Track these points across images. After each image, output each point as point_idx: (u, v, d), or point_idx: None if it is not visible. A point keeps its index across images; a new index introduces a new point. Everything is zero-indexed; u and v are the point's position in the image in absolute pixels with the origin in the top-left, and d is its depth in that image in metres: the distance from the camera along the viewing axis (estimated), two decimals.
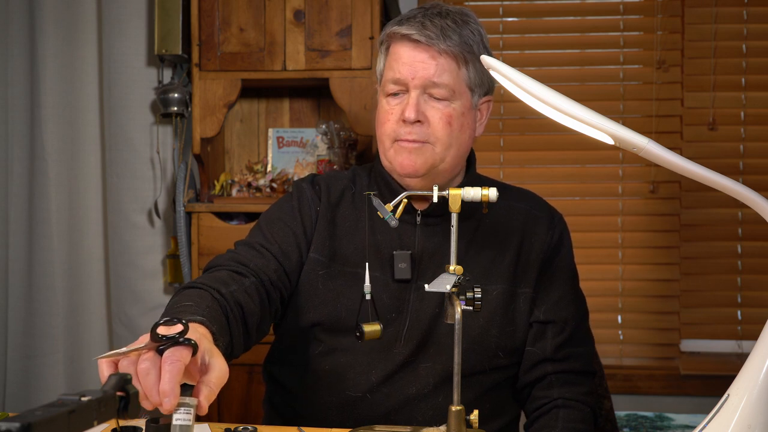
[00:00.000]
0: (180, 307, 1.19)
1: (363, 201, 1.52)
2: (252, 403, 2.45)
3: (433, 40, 1.40)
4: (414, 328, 1.44)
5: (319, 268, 1.47)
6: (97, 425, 0.76)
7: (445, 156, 1.43)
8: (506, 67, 1.12)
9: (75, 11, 2.54)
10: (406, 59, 1.42)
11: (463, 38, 1.42)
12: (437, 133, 1.42)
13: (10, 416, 1.37)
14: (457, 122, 1.43)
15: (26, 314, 2.53)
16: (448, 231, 1.43)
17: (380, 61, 1.50)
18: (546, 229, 1.52)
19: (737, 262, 2.72)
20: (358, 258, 1.47)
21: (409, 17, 1.45)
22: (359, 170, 1.60)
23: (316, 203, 1.51)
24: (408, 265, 1.45)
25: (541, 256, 1.50)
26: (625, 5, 2.76)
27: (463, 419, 1.19)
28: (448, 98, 1.42)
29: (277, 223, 1.49)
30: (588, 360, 1.52)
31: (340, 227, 1.50)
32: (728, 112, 2.72)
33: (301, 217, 1.50)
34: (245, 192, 2.58)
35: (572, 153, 2.78)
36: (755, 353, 1.07)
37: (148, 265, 2.59)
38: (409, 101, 1.41)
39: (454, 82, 1.42)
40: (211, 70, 2.47)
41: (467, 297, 1.20)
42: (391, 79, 1.44)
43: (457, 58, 1.42)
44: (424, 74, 1.41)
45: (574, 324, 1.50)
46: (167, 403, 0.90)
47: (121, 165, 2.57)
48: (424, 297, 1.45)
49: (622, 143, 1.08)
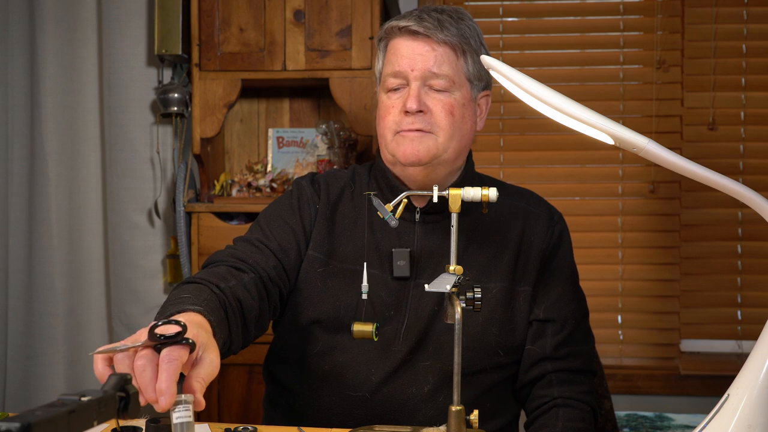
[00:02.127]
0: (178, 299, 1.19)
1: (362, 199, 1.53)
2: (252, 403, 2.45)
3: (431, 30, 1.42)
4: (412, 326, 1.44)
5: (318, 266, 1.48)
6: (97, 425, 0.76)
7: (447, 146, 1.44)
8: (506, 67, 1.12)
9: (75, 11, 2.54)
10: (405, 52, 1.44)
11: (460, 30, 1.44)
12: (440, 123, 1.43)
13: (10, 416, 1.37)
14: (458, 112, 1.44)
15: (26, 314, 2.53)
16: (447, 229, 1.45)
17: (379, 59, 1.51)
18: (545, 227, 1.52)
19: (737, 262, 2.72)
20: (356, 255, 1.47)
21: (406, 15, 1.48)
22: (359, 169, 1.60)
23: (315, 201, 1.52)
24: (407, 263, 1.45)
25: (541, 254, 1.51)
26: (625, 5, 2.76)
27: (463, 419, 1.19)
28: (449, 89, 1.43)
29: (276, 221, 1.50)
30: (588, 358, 1.52)
31: (339, 225, 1.51)
32: (728, 112, 2.72)
33: (300, 215, 1.50)
34: (245, 192, 2.58)
35: (572, 153, 2.78)
36: (755, 353, 1.08)
37: (148, 265, 2.59)
38: (410, 93, 1.42)
39: (454, 72, 1.43)
40: (211, 70, 2.47)
41: (467, 297, 1.20)
42: (391, 73, 1.45)
43: (456, 48, 1.44)
44: (423, 65, 1.42)
45: (573, 322, 1.50)
46: (163, 401, 0.90)
47: (121, 165, 2.57)
48: (423, 295, 1.45)
49: (622, 143, 1.08)
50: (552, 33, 2.81)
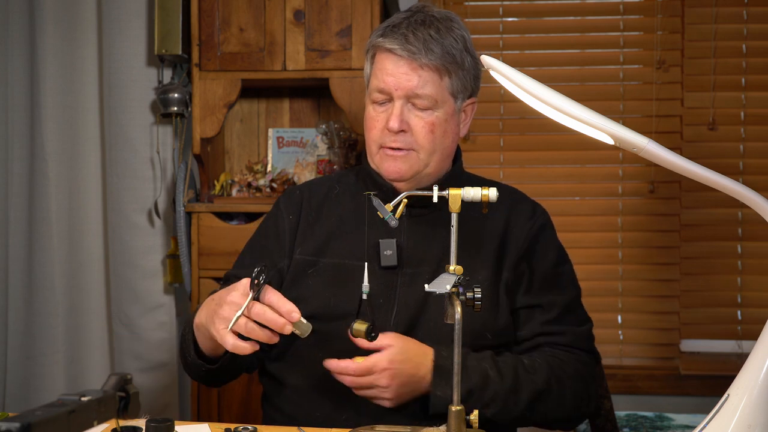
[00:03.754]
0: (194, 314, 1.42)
1: (349, 198, 1.60)
2: (252, 403, 2.45)
3: (415, 54, 1.46)
4: (402, 314, 1.48)
5: (307, 267, 1.54)
6: (97, 425, 0.76)
7: (429, 161, 1.52)
8: (506, 67, 1.12)
9: (75, 11, 2.54)
10: (390, 70, 1.49)
11: (445, 49, 1.48)
12: (420, 141, 1.49)
13: (10, 416, 1.37)
14: (439, 129, 1.50)
15: (26, 314, 2.53)
16: (434, 220, 1.52)
17: (366, 66, 1.57)
18: (526, 219, 1.57)
19: (737, 262, 2.72)
20: (345, 252, 1.53)
21: (394, 25, 1.50)
22: (345, 171, 1.70)
23: (292, 211, 1.61)
24: (394, 252, 1.50)
25: (523, 243, 1.54)
26: (625, 5, 2.76)
27: (463, 419, 1.19)
28: (431, 107, 1.49)
29: (257, 250, 1.62)
30: (580, 337, 1.54)
31: (327, 225, 1.57)
32: (728, 112, 2.72)
33: (277, 233, 1.60)
34: (245, 192, 2.58)
35: (572, 153, 2.78)
36: (755, 353, 1.08)
37: (148, 265, 2.59)
38: (393, 111, 1.48)
39: (437, 92, 1.49)
40: (211, 70, 2.47)
41: (467, 297, 1.21)
42: (376, 88, 1.51)
43: (440, 70, 1.48)
44: (407, 85, 1.48)
45: (560, 307, 1.53)
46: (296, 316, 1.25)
47: (121, 165, 2.57)
48: (412, 283, 1.49)
49: (622, 143, 1.08)
50: (552, 33, 2.81)
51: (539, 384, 1.43)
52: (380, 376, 1.35)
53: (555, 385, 1.44)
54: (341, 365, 1.36)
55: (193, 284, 2.49)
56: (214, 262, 2.46)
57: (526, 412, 1.43)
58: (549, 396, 1.44)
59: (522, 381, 1.42)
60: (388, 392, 1.37)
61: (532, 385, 1.42)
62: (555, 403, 1.45)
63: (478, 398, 1.39)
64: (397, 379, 1.36)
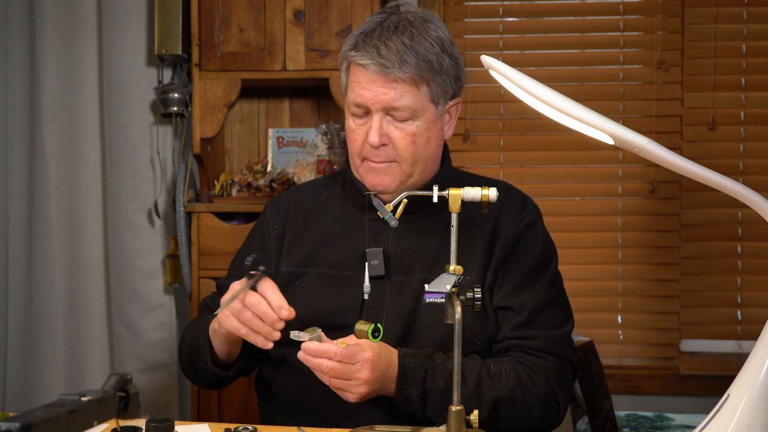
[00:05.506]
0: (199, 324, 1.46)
1: (335, 206, 1.58)
2: (252, 404, 2.45)
3: (389, 69, 1.41)
4: (392, 323, 1.46)
5: (295, 279, 1.53)
6: (97, 425, 0.76)
7: (412, 172, 1.49)
8: (506, 67, 1.12)
9: (75, 11, 2.54)
10: (365, 84, 1.44)
11: (420, 56, 1.42)
12: (402, 153, 1.47)
13: (10, 416, 1.37)
14: (421, 139, 1.47)
15: (26, 314, 2.53)
16: (421, 228, 1.51)
17: (342, 77, 1.52)
18: (514, 217, 1.53)
19: (737, 262, 2.72)
20: (332, 262, 1.52)
21: (366, 34, 1.44)
22: (331, 176, 1.67)
23: (278, 220, 1.59)
24: (381, 262, 1.48)
25: (507, 242, 1.51)
26: (625, 5, 2.76)
27: (463, 419, 1.19)
28: (411, 118, 1.45)
29: (242, 257, 1.60)
30: (553, 342, 1.48)
31: (313, 234, 1.56)
32: (728, 112, 2.72)
33: (264, 245, 1.59)
34: (245, 192, 2.58)
35: (572, 153, 2.78)
36: (755, 353, 1.08)
37: (148, 265, 2.59)
38: (372, 125, 1.45)
39: (415, 102, 1.44)
40: (211, 70, 2.47)
41: (467, 297, 1.21)
42: (353, 102, 1.48)
43: (416, 81, 1.43)
44: (384, 98, 1.43)
45: (530, 310, 1.48)
46: (285, 313, 1.28)
47: (121, 165, 2.57)
48: (400, 291, 1.47)
49: (622, 143, 1.08)
50: (552, 33, 2.81)
51: (503, 392, 1.38)
52: (361, 367, 1.29)
53: (520, 395, 1.40)
54: (322, 348, 1.28)
55: (193, 284, 2.49)
56: (214, 262, 2.46)
57: (488, 419, 1.39)
58: (513, 405, 1.40)
59: (485, 387, 1.38)
60: (361, 385, 1.30)
61: (494, 392, 1.38)
62: (520, 413, 1.41)
63: (438, 400, 1.36)
64: (375, 373, 1.31)
